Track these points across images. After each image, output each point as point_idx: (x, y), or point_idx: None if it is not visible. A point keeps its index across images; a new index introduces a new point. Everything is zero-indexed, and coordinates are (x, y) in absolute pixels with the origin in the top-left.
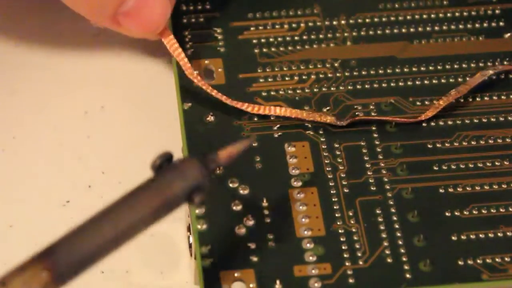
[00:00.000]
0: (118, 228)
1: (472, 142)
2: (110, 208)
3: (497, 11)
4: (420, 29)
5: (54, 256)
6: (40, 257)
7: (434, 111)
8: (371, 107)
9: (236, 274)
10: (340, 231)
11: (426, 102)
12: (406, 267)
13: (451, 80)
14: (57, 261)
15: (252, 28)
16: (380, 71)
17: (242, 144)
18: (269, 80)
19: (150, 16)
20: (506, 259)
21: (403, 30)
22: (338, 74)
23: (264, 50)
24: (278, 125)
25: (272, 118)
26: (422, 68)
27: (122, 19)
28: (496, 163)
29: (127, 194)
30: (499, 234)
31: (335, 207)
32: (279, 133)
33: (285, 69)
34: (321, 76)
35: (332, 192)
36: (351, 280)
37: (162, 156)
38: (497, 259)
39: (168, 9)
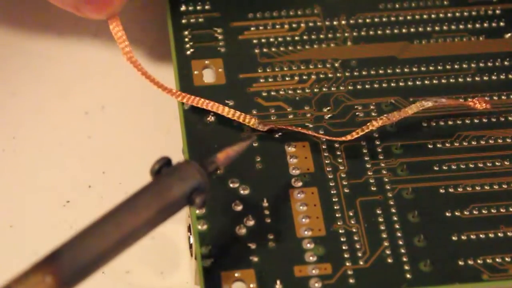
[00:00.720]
0: (121, 232)
1: (473, 142)
2: (112, 212)
3: (497, 11)
4: (420, 29)
5: (58, 261)
6: (44, 263)
7: (360, 133)
8: (372, 107)
9: (236, 274)
10: (340, 231)
11: None
12: (406, 267)
13: (451, 80)
14: (61, 266)
15: (252, 28)
16: (381, 71)
17: (240, 146)
18: (270, 80)
19: (108, 3)
20: (507, 259)
21: (403, 30)
22: (338, 74)
23: (265, 50)
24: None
25: (272, 118)
26: (422, 68)
27: (82, 6)
28: (497, 163)
29: (128, 199)
30: (499, 234)
31: (335, 207)
32: (280, 133)
33: (285, 69)
34: (321, 76)
35: (332, 192)
36: (351, 280)
37: (160, 160)
38: (497, 259)
39: None
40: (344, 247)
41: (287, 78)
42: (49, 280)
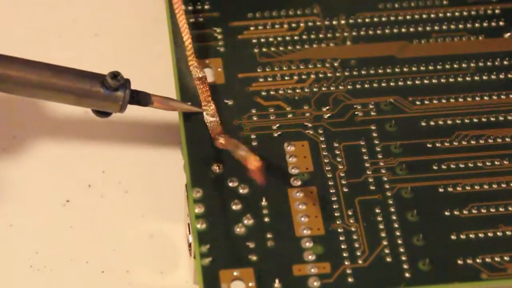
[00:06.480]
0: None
1: (472, 142)
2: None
3: (497, 11)
4: (420, 29)
5: None
6: None
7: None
8: (371, 106)
9: (235, 273)
10: (339, 230)
11: (426, 102)
12: (405, 266)
13: (450, 79)
14: None
15: (251, 28)
16: (380, 71)
17: (182, 106)
18: (269, 79)
19: None
20: (506, 258)
21: (403, 30)
22: (337, 74)
23: (264, 49)
24: (277, 125)
25: (271, 117)
26: (421, 68)
27: None
28: (496, 163)
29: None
30: (498, 233)
31: (334, 207)
32: (279, 133)
33: (284, 68)
34: (320, 75)
35: (331, 191)
36: (350, 279)
37: None
38: (496, 259)
39: None
40: (343, 246)
41: (286, 78)
42: None
